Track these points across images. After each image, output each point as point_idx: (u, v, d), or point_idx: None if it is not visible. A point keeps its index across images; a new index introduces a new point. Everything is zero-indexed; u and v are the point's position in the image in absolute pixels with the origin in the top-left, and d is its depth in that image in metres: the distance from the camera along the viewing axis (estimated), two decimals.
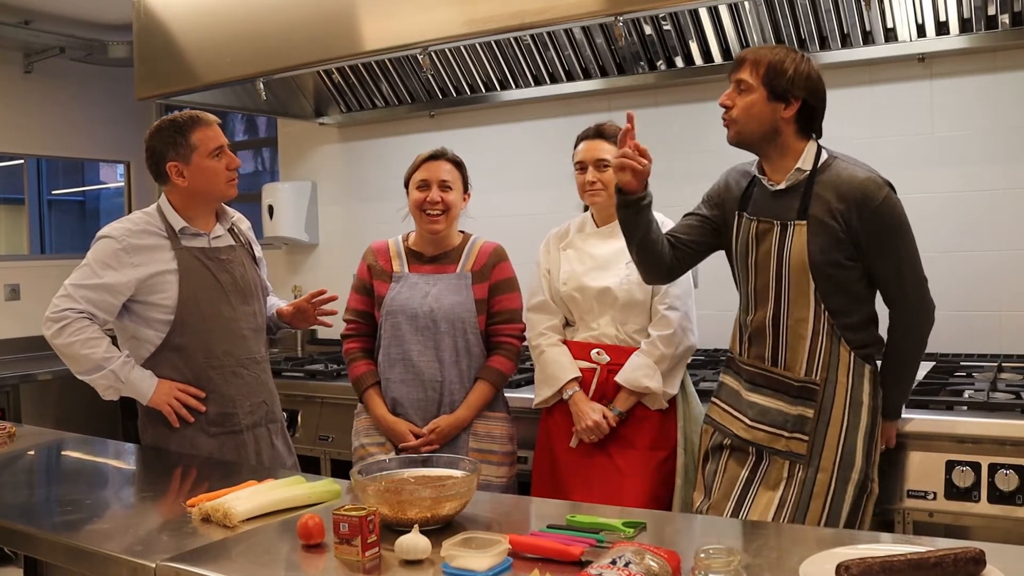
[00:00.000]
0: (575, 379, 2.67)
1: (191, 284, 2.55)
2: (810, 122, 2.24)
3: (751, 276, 2.31)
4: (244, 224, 2.83)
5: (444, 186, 2.68)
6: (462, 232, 2.82)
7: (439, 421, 2.67)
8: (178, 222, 2.59)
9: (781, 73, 2.18)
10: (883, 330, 2.31)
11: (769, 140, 2.24)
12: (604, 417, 2.61)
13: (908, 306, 2.26)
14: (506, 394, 3.12)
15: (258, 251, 2.84)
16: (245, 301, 2.65)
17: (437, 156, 2.72)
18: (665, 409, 2.65)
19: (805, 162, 2.23)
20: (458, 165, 2.74)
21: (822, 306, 2.21)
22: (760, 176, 2.31)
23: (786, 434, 2.24)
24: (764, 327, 2.28)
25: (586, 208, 2.86)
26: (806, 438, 2.22)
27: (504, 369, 2.74)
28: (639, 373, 2.60)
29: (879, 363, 2.31)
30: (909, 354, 2.32)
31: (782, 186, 2.25)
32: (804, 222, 2.20)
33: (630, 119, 2.23)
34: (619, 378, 2.62)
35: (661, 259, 2.38)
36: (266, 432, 2.69)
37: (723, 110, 2.25)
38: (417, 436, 2.67)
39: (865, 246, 2.19)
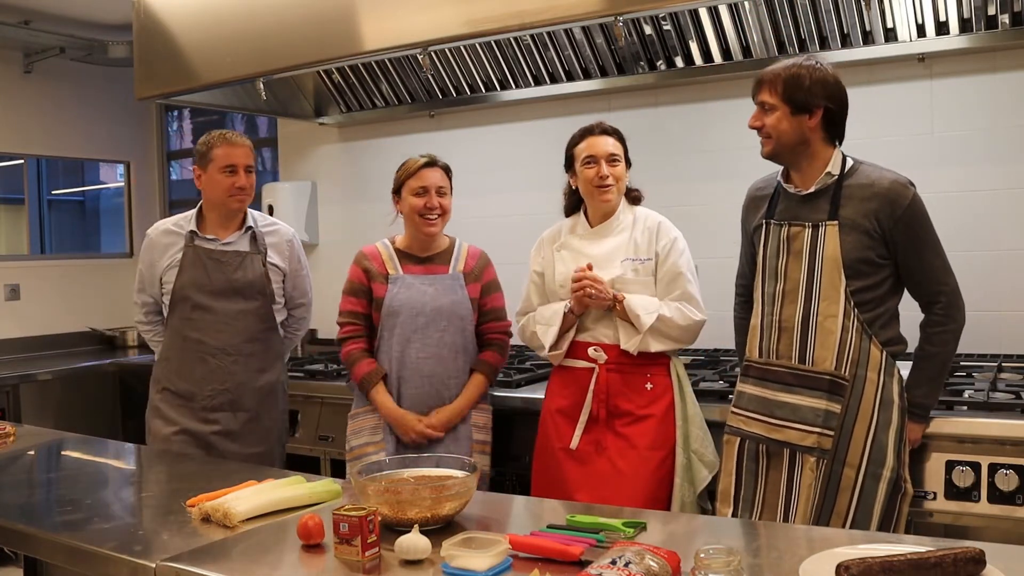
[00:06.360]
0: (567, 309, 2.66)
1: (185, 277, 2.95)
2: (835, 126, 2.35)
3: (781, 277, 2.38)
4: (277, 237, 3.06)
5: (440, 192, 2.83)
6: (446, 235, 2.95)
7: (440, 412, 2.79)
8: (193, 225, 2.99)
9: (798, 86, 2.29)
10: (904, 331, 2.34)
11: (800, 151, 2.34)
12: None
13: (944, 299, 2.32)
14: (504, 394, 3.13)
15: (281, 262, 3.04)
16: (233, 301, 2.95)
17: (431, 164, 2.85)
18: (661, 412, 2.64)
19: (834, 167, 2.34)
20: (448, 171, 2.89)
21: (851, 303, 2.28)
22: (785, 184, 2.41)
23: (816, 430, 2.27)
24: (792, 325, 2.34)
25: (569, 212, 2.84)
26: (832, 433, 2.26)
27: (496, 363, 2.93)
28: (641, 304, 2.59)
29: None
30: (945, 351, 2.36)
31: (811, 190, 2.35)
32: (835, 222, 2.30)
33: None
34: (626, 297, 2.61)
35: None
36: (228, 417, 2.96)
37: (755, 130, 2.36)
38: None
39: (897, 245, 2.29)
